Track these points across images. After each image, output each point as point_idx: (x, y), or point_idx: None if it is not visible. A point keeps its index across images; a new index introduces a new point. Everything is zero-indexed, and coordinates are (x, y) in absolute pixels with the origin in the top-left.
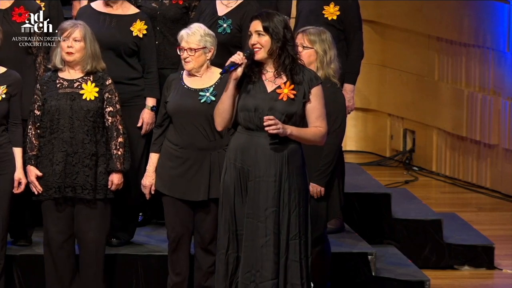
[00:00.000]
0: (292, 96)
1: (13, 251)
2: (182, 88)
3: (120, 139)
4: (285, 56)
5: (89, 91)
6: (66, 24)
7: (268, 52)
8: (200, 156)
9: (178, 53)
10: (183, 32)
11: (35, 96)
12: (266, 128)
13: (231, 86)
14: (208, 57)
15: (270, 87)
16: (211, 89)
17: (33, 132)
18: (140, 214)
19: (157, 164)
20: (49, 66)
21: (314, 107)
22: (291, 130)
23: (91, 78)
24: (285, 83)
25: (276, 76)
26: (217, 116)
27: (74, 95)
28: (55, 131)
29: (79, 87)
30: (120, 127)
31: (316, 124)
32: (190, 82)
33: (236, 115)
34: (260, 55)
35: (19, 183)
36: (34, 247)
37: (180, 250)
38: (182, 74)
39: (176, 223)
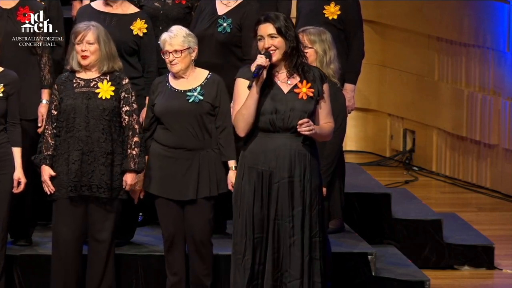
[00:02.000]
0: (311, 94)
1: (13, 251)
2: (169, 90)
3: (135, 139)
4: (297, 55)
5: (105, 90)
6: (80, 27)
7: (283, 53)
8: (189, 156)
9: (162, 57)
10: (165, 36)
11: (52, 96)
12: (300, 129)
13: (257, 90)
14: (193, 57)
15: (286, 88)
16: (199, 88)
17: (50, 132)
18: (140, 214)
19: (146, 166)
20: (67, 68)
21: (325, 104)
22: (316, 129)
23: (107, 78)
24: (301, 82)
25: (289, 76)
26: (241, 122)
27: (90, 94)
28: (71, 130)
29: (95, 86)
30: (136, 126)
31: (326, 120)
32: (176, 84)
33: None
34: (275, 57)
35: (19, 183)
36: (34, 247)
37: (175, 250)
38: (168, 77)
39: (168, 223)
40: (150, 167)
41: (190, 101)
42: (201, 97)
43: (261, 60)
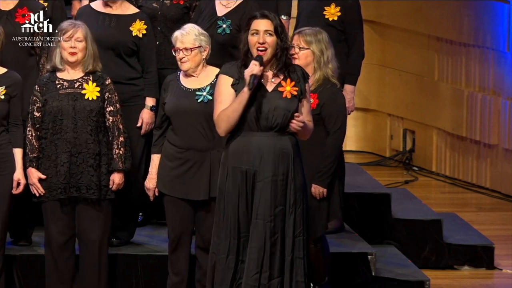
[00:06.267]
0: (295, 93)
1: (13, 251)
2: (179, 88)
3: (121, 139)
4: (285, 55)
5: (91, 91)
6: (66, 24)
7: (273, 53)
8: (200, 157)
9: (174, 54)
10: (177, 33)
11: (34, 98)
12: (292, 124)
13: (247, 97)
14: (204, 56)
15: (270, 87)
16: (208, 88)
17: (33, 134)
18: (140, 214)
19: (159, 166)
20: (47, 67)
21: (307, 102)
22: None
23: (91, 78)
24: (285, 80)
25: (274, 75)
26: (224, 123)
27: (76, 95)
28: (58, 132)
29: (80, 87)
30: (120, 126)
31: (308, 118)
32: (186, 82)
33: None
34: (266, 57)
35: (18, 184)
36: (34, 247)
37: (180, 250)
38: (179, 75)
39: (176, 223)
40: (162, 167)
41: (199, 101)
42: (210, 97)
43: (256, 69)
